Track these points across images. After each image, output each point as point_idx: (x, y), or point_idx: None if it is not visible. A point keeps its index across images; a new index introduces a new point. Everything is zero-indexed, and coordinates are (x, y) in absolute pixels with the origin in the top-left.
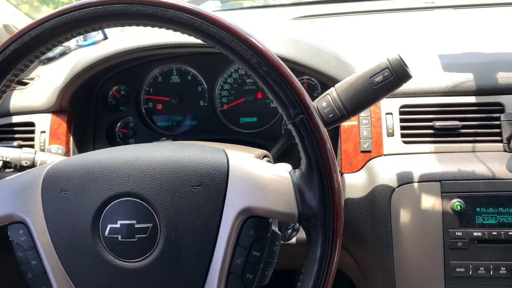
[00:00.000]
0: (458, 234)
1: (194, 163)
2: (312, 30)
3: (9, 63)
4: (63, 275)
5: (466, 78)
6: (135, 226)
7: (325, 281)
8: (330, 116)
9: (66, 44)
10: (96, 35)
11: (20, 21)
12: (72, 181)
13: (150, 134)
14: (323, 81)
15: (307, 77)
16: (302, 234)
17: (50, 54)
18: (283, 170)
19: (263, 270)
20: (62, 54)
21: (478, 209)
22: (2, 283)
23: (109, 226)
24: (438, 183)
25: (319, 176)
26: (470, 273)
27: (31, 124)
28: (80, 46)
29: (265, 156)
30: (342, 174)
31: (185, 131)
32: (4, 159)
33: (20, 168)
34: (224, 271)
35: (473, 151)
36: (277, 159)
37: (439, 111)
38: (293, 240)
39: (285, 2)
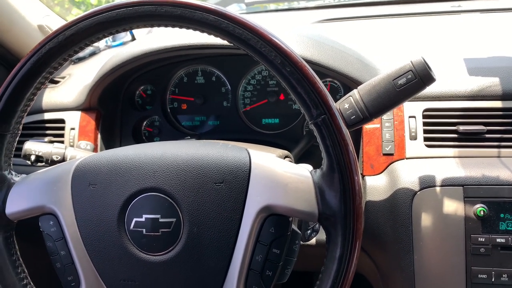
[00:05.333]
0: (481, 240)
1: (217, 160)
2: (335, 33)
3: (45, 61)
4: (89, 266)
5: (492, 82)
6: (159, 220)
7: (344, 281)
8: (352, 117)
9: (96, 44)
10: (125, 36)
11: (53, 21)
12: (100, 175)
13: (174, 133)
14: (346, 84)
15: (330, 79)
16: (321, 236)
17: (80, 54)
18: (304, 170)
19: (283, 268)
20: (92, 54)
21: (502, 215)
22: (33, 273)
23: (134, 219)
24: (461, 187)
25: (340, 176)
26: (493, 280)
27: (62, 121)
28: (109, 47)
29: (286, 157)
30: (363, 176)
31: (208, 130)
32: (36, 153)
33: (51, 162)
34: (244, 267)
35: (498, 156)
36: (298, 160)
37: (464, 115)
38: (313, 241)
39: (309, 5)
